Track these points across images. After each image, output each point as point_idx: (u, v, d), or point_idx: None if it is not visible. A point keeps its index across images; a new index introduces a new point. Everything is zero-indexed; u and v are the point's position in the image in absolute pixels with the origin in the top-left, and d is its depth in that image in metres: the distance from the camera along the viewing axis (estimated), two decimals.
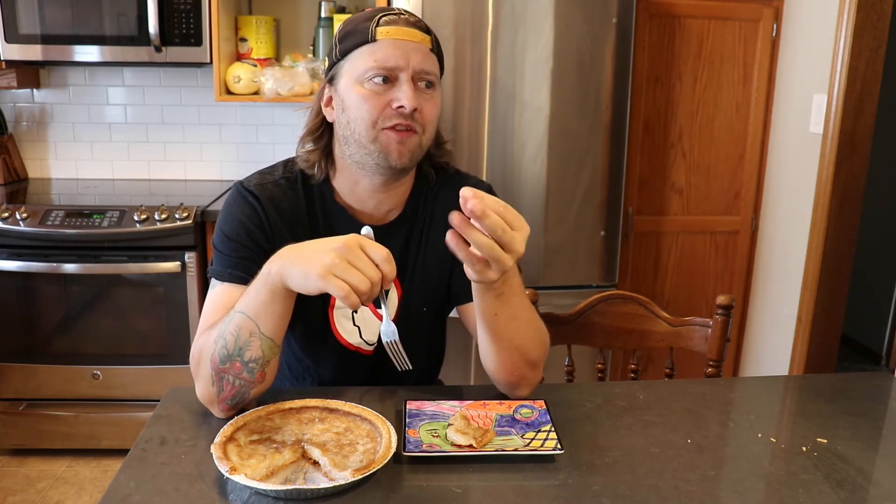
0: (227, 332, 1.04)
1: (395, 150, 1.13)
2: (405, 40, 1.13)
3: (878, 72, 2.31)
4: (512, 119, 2.44)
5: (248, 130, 3.02)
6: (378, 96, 1.12)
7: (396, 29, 1.13)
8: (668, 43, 2.66)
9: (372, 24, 1.13)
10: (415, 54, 1.13)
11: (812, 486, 0.96)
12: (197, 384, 1.09)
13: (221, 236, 1.19)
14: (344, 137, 1.17)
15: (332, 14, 2.73)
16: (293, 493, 0.90)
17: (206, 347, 1.06)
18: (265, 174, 1.25)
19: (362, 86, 1.13)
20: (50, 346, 2.52)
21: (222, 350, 1.04)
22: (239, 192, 1.21)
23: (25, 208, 2.42)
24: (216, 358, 1.04)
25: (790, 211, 2.64)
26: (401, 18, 1.15)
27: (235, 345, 1.03)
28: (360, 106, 1.13)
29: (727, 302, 1.54)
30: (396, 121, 1.12)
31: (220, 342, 1.04)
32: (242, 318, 1.03)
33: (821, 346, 2.54)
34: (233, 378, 1.05)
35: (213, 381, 1.06)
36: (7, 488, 2.40)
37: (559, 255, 2.57)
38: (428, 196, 1.27)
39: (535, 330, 1.14)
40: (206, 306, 1.16)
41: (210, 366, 1.05)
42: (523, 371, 1.14)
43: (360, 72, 1.13)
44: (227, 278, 1.15)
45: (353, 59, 1.14)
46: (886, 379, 1.34)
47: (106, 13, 2.55)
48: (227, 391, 1.06)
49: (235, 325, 1.03)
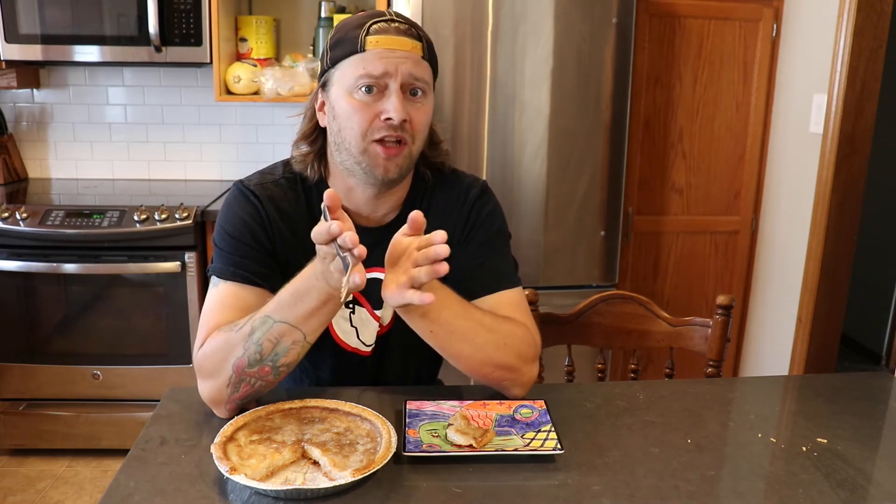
0: (263, 339, 1.04)
1: (383, 165, 1.14)
2: (394, 49, 1.12)
3: (878, 72, 2.31)
4: (512, 119, 2.44)
5: (248, 130, 3.02)
6: (367, 107, 1.13)
7: (386, 38, 1.12)
8: (668, 43, 2.66)
9: (361, 34, 1.12)
10: (404, 63, 1.12)
11: (812, 486, 0.96)
12: (206, 383, 1.09)
13: (223, 234, 1.19)
14: (336, 144, 1.18)
15: (332, 14, 2.73)
16: (293, 493, 0.90)
17: (229, 353, 1.06)
18: (265, 174, 1.25)
19: (352, 96, 1.13)
20: (50, 346, 2.52)
21: (254, 355, 1.04)
22: (240, 191, 1.21)
23: (25, 208, 2.42)
24: (244, 361, 1.05)
25: (790, 211, 2.64)
26: (391, 26, 1.13)
27: (273, 351, 1.05)
28: (350, 117, 1.13)
29: (727, 302, 1.54)
30: (385, 133, 1.12)
31: (251, 347, 1.04)
32: (285, 327, 1.03)
33: (821, 346, 2.54)
34: (255, 380, 1.06)
35: (231, 383, 1.06)
36: (7, 488, 2.40)
37: (559, 255, 2.57)
38: (424, 197, 1.27)
39: (485, 337, 1.13)
40: (208, 305, 1.15)
41: (233, 369, 1.05)
42: (497, 374, 1.15)
43: (350, 82, 1.13)
44: (230, 276, 1.15)
45: (343, 69, 1.14)
46: (886, 379, 1.34)
47: (106, 13, 2.55)
48: (242, 392, 1.07)
49: (277, 333, 1.04)
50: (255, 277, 1.15)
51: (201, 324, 1.13)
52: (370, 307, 1.26)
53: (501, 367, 1.14)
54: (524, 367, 1.16)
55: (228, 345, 1.06)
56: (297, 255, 1.20)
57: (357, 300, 1.25)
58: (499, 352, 1.13)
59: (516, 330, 1.17)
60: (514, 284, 1.23)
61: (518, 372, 1.16)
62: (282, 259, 1.20)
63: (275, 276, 1.17)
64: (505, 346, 1.14)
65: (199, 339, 1.11)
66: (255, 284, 1.14)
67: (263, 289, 1.14)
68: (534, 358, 1.18)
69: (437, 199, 1.27)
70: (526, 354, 1.16)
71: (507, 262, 1.26)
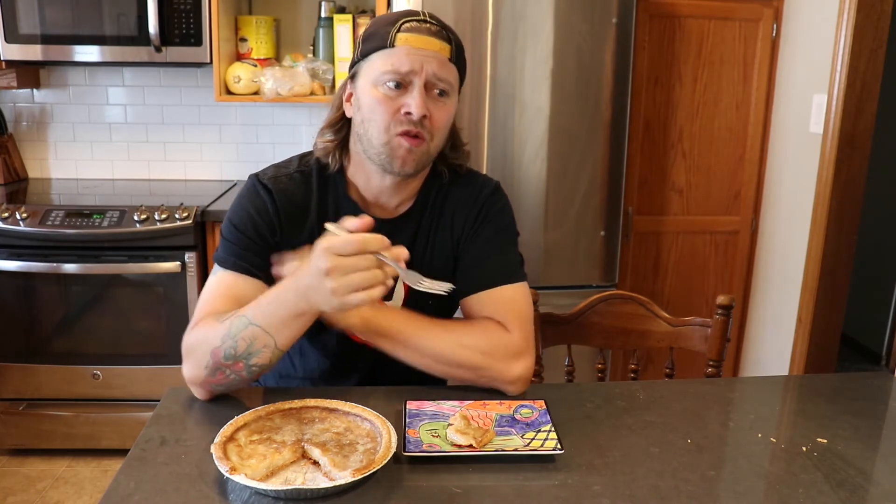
0: (238, 337, 1.07)
1: (402, 157, 1.17)
2: (422, 48, 1.16)
3: (878, 72, 2.31)
4: (512, 119, 2.44)
5: (248, 130, 3.02)
6: (391, 101, 1.16)
7: (416, 37, 1.16)
8: (668, 43, 2.66)
9: (393, 30, 1.16)
10: (430, 62, 1.16)
11: (812, 486, 0.96)
12: (186, 364, 1.13)
13: (229, 225, 1.23)
14: (359, 134, 1.22)
15: (332, 14, 2.73)
16: (293, 493, 0.90)
17: (209, 340, 1.09)
18: (280, 167, 1.29)
19: (377, 89, 1.17)
20: (50, 346, 2.52)
21: (229, 350, 1.07)
22: (252, 185, 1.25)
23: (25, 208, 2.42)
24: (220, 353, 1.08)
25: (790, 211, 2.64)
26: (422, 26, 1.17)
27: (246, 350, 1.07)
28: (374, 108, 1.17)
29: (727, 302, 1.55)
30: (406, 127, 1.16)
31: (228, 342, 1.07)
32: (258, 330, 1.06)
33: (821, 346, 2.54)
34: (230, 373, 1.09)
35: (207, 367, 1.09)
36: (7, 488, 2.40)
37: (559, 255, 2.57)
38: (438, 193, 1.30)
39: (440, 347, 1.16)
40: (206, 290, 1.20)
41: (210, 356, 1.08)
42: (464, 374, 1.18)
43: (376, 75, 1.17)
44: (230, 266, 1.19)
45: (372, 62, 1.18)
46: (886, 379, 1.34)
47: (106, 13, 2.55)
48: (218, 379, 1.11)
49: (250, 334, 1.06)
50: (254, 269, 1.19)
51: (198, 308, 1.18)
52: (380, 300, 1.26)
53: (465, 367, 1.17)
54: (496, 364, 1.17)
55: (211, 334, 1.09)
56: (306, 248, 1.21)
57: None
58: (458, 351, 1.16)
59: (473, 329, 1.20)
60: (514, 280, 1.25)
61: (491, 370, 1.17)
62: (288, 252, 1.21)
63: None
64: (461, 345, 1.17)
65: (192, 322, 1.15)
66: (253, 276, 1.18)
67: (261, 281, 1.18)
68: (511, 355, 1.18)
69: (451, 194, 1.30)
70: (493, 352, 1.17)
71: (509, 260, 1.28)
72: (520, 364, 1.18)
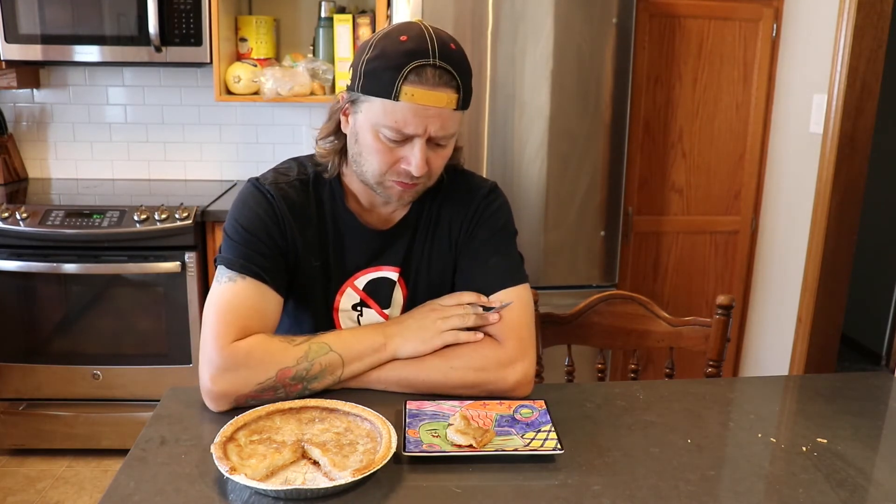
0: (316, 361, 1.12)
1: (397, 194, 1.18)
2: (427, 106, 1.09)
3: (878, 72, 2.31)
4: (512, 119, 2.44)
5: (248, 130, 3.02)
6: (390, 152, 1.13)
7: (422, 92, 1.08)
8: (668, 43, 2.66)
9: (398, 79, 1.08)
10: (434, 121, 1.11)
11: (812, 486, 0.96)
12: (233, 373, 1.08)
13: (237, 226, 1.19)
14: (354, 160, 1.20)
15: (332, 14, 2.73)
16: (293, 493, 0.90)
17: (278, 360, 1.10)
18: (280, 174, 1.25)
19: (377, 137, 1.13)
20: (50, 346, 2.52)
21: (301, 371, 1.11)
22: (256, 188, 1.22)
23: (25, 208, 2.42)
24: (289, 373, 1.10)
25: (790, 211, 2.64)
26: (430, 73, 1.08)
27: (318, 374, 1.12)
28: (372, 153, 1.15)
29: (727, 302, 1.54)
30: (403, 179, 1.15)
31: (303, 364, 1.11)
32: (336, 358, 1.13)
33: (821, 346, 2.54)
34: (283, 391, 1.11)
35: (262, 384, 1.09)
36: (7, 488, 2.40)
37: (559, 255, 2.57)
38: (435, 196, 1.29)
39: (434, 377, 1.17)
40: (222, 297, 1.13)
41: (275, 375, 1.09)
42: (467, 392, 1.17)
43: (377, 122, 1.12)
44: (239, 269, 1.15)
45: (373, 106, 1.11)
46: (886, 379, 1.34)
47: (106, 13, 2.55)
48: (263, 396, 1.10)
49: (328, 360, 1.13)
50: (263, 273, 1.15)
51: (219, 318, 1.11)
52: (378, 307, 1.27)
53: (462, 387, 1.17)
54: (491, 377, 1.17)
55: (280, 354, 1.11)
56: (306, 256, 1.21)
57: (365, 301, 1.26)
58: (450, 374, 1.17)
59: (462, 349, 1.18)
60: (511, 284, 1.24)
61: (487, 383, 1.17)
62: (290, 259, 1.21)
63: (282, 275, 1.19)
64: (451, 368, 1.17)
65: (227, 335, 1.10)
66: (262, 280, 1.15)
67: (268, 286, 1.15)
68: (504, 365, 1.17)
69: (447, 198, 1.29)
70: (485, 366, 1.17)
71: (506, 262, 1.27)
72: (515, 371, 1.17)
